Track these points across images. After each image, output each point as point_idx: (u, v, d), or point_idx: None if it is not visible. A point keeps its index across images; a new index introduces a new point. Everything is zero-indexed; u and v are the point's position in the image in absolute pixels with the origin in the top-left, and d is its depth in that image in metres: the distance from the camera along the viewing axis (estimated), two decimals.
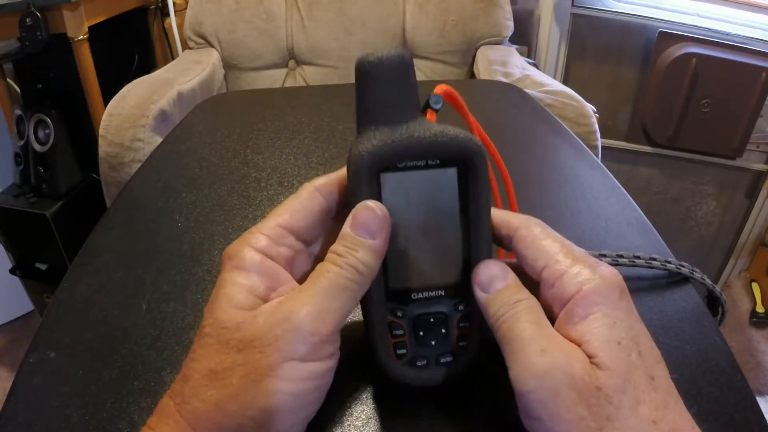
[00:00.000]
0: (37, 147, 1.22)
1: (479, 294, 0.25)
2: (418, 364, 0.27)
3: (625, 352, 0.21)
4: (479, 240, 0.26)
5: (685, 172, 1.58)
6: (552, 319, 0.24)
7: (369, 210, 0.24)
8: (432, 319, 0.27)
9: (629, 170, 1.62)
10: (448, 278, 0.27)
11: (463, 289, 0.26)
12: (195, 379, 0.22)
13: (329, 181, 0.26)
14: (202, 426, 0.21)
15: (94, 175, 1.28)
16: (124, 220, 0.46)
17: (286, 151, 0.57)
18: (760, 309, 1.56)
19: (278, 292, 0.24)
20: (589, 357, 0.21)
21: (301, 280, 0.24)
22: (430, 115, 0.27)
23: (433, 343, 0.27)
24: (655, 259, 0.37)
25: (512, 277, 0.25)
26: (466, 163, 0.25)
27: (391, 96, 0.26)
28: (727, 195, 1.58)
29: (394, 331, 0.27)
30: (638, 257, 0.37)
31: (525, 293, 0.24)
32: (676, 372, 0.30)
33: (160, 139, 0.93)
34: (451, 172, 0.25)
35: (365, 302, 0.26)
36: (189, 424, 0.21)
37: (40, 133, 1.22)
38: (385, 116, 0.26)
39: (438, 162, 0.25)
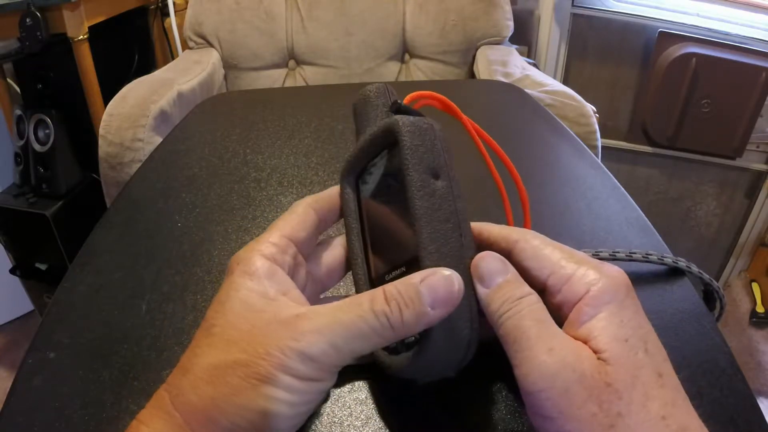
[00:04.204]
0: (37, 147, 1.22)
1: (479, 289, 0.25)
2: (391, 347, 0.26)
3: (633, 349, 0.22)
4: (413, 209, 0.25)
5: (685, 172, 1.58)
6: (560, 323, 0.24)
7: (447, 280, 0.22)
8: None
9: (629, 170, 1.62)
10: (406, 255, 0.26)
11: (416, 262, 0.24)
12: (195, 373, 0.22)
13: (320, 197, 0.29)
14: (196, 420, 0.21)
15: (94, 175, 1.27)
16: (124, 220, 0.46)
17: (286, 151, 0.57)
18: (760, 309, 1.55)
19: (289, 297, 0.25)
20: (597, 353, 0.22)
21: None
22: None
23: None
24: (651, 254, 0.37)
25: (512, 271, 0.25)
26: (394, 143, 0.26)
27: (372, 118, 0.30)
28: (727, 195, 1.58)
29: None
30: (634, 253, 0.37)
31: (527, 288, 0.24)
32: (677, 372, 0.30)
33: (160, 139, 0.93)
34: (394, 154, 0.27)
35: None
36: (183, 417, 0.22)
37: (40, 133, 1.22)
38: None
39: (386, 152, 0.28)
